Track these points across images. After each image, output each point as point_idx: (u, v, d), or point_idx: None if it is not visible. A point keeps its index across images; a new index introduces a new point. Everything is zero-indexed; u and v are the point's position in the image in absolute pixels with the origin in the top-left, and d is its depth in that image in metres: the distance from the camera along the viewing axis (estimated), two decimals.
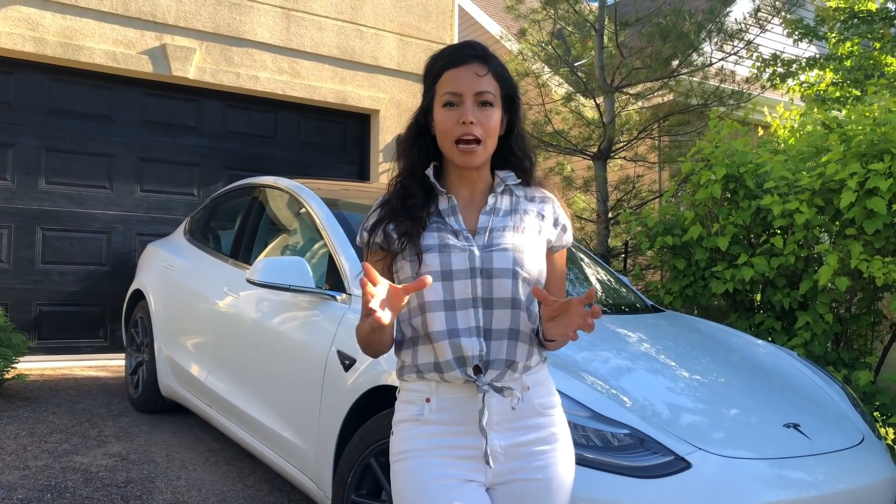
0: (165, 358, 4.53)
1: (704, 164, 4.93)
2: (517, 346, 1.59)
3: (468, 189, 1.66)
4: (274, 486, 3.64)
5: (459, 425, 1.57)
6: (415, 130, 1.69)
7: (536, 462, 1.60)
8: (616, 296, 3.99)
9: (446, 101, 1.59)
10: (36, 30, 5.87)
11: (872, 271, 3.84)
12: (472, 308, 1.57)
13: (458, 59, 1.60)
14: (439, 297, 1.56)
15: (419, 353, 1.60)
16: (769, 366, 3.26)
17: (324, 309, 3.14)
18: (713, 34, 6.69)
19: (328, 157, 7.49)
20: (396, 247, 1.60)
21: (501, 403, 1.57)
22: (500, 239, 1.60)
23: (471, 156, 1.58)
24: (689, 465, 2.26)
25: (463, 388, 1.58)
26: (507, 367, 1.58)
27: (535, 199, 1.70)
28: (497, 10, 11.20)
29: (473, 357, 1.56)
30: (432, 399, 1.59)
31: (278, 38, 6.92)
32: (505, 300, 1.58)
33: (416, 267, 1.57)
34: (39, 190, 6.08)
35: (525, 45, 7.33)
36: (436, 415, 1.58)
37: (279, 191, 4.15)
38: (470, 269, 1.57)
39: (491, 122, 1.59)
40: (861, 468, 2.61)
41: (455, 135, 1.57)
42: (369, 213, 1.69)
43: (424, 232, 1.59)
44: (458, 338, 1.56)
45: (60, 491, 3.40)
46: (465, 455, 1.56)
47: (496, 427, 1.56)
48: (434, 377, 1.59)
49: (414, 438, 1.58)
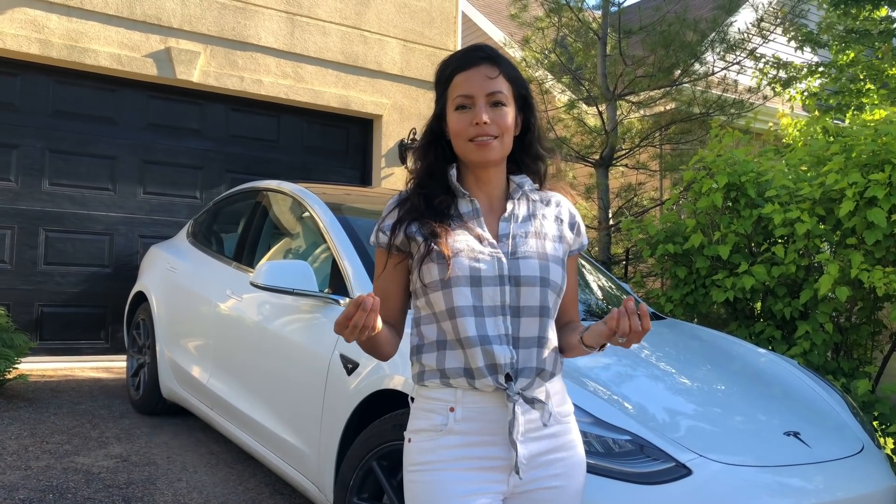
0: (167, 360, 4.54)
1: (706, 173, 4.95)
2: (545, 354, 1.58)
3: (485, 194, 1.64)
4: (275, 490, 3.64)
5: (485, 435, 1.54)
6: (430, 136, 1.67)
7: (555, 470, 1.59)
8: (617, 303, 4.01)
9: (459, 104, 1.58)
10: (41, 32, 5.89)
11: (873, 281, 3.85)
12: (500, 315, 1.54)
13: (468, 62, 1.59)
14: (469, 303, 1.53)
15: (447, 358, 1.55)
16: (770, 374, 3.27)
17: (327, 313, 3.15)
18: (716, 43, 6.72)
19: (331, 161, 7.51)
20: (422, 249, 1.55)
21: (527, 413, 1.55)
22: (524, 246, 1.58)
23: (486, 149, 1.57)
24: (689, 472, 2.28)
25: (491, 397, 1.54)
26: (536, 376, 1.56)
27: (550, 202, 1.69)
28: (501, 18, 11.24)
29: (505, 365, 1.53)
30: (457, 408, 1.54)
31: (282, 43, 6.95)
32: (533, 308, 1.56)
33: (444, 270, 1.52)
34: (43, 191, 6.10)
35: (528, 53, 7.36)
36: (461, 424, 1.54)
37: (283, 195, 4.17)
38: (499, 276, 1.55)
39: (506, 119, 1.58)
40: (861, 477, 2.62)
41: (469, 135, 1.56)
42: (385, 213, 1.65)
43: (451, 233, 1.56)
44: (490, 345, 1.52)
45: (62, 492, 3.41)
46: (489, 466, 1.53)
47: (521, 437, 1.53)
48: (462, 384, 1.54)
49: (436, 450, 1.54)
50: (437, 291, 1.55)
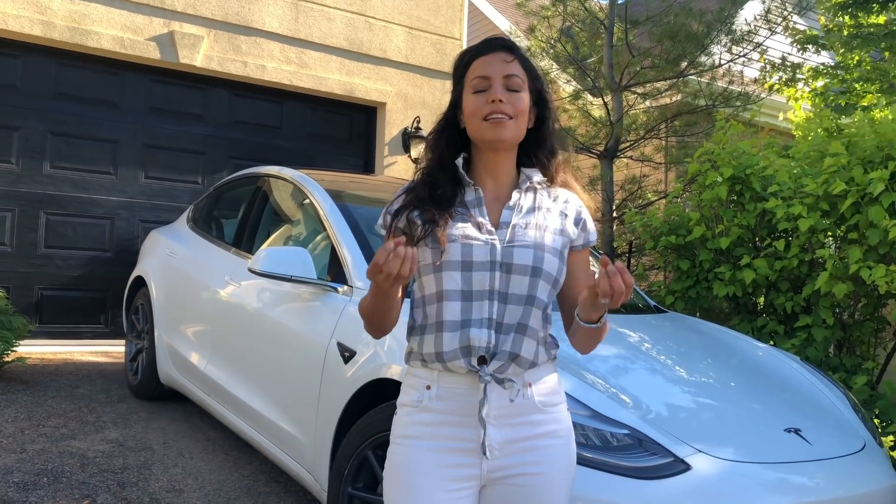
0: (165, 345, 4.52)
1: (711, 166, 4.91)
2: (524, 341, 1.59)
3: (493, 181, 1.68)
4: (270, 477, 3.63)
5: (457, 415, 1.58)
6: (443, 124, 1.72)
7: (535, 457, 1.60)
8: None
9: (476, 86, 1.63)
10: (44, 13, 5.85)
11: (875, 279, 3.82)
12: (487, 300, 1.58)
13: (486, 48, 1.66)
14: (457, 287, 1.58)
15: (425, 343, 1.61)
16: (771, 369, 3.24)
17: (325, 300, 3.13)
18: (722, 35, 6.66)
19: (334, 148, 7.47)
20: (420, 233, 1.61)
21: (501, 397, 1.58)
22: (522, 236, 1.62)
23: (500, 127, 1.60)
24: (688, 467, 2.25)
25: (465, 378, 1.59)
26: (511, 360, 1.59)
27: (558, 198, 1.72)
28: (507, 6, 11.16)
29: (480, 348, 1.57)
30: (433, 387, 1.60)
31: (287, 28, 6.90)
32: (520, 296, 1.59)
33: (437, 255, 1.58)
34: (44, 174, 6.07)
35: (534, 42, 7.30)
36: (434, 402, 1.59)
37: (283, 181, 4.13)
38: (490, 261, 1.59)
39: (521, 103, 1.63)
40: (862, 475, 2.59)
41: (484, 112, 1.60)
42: (394, 198, 1.72)
43: (450, 221, 1.61)
44: (469, 328, 1.57)
45: (57, 475, 3.40)
46: (460, 448, 1.57)
47: (494, 421, 1.57)
48: (437, 367, 1.60)
49: (411, 425, 1.60)
50: (429, 275, 1.61)
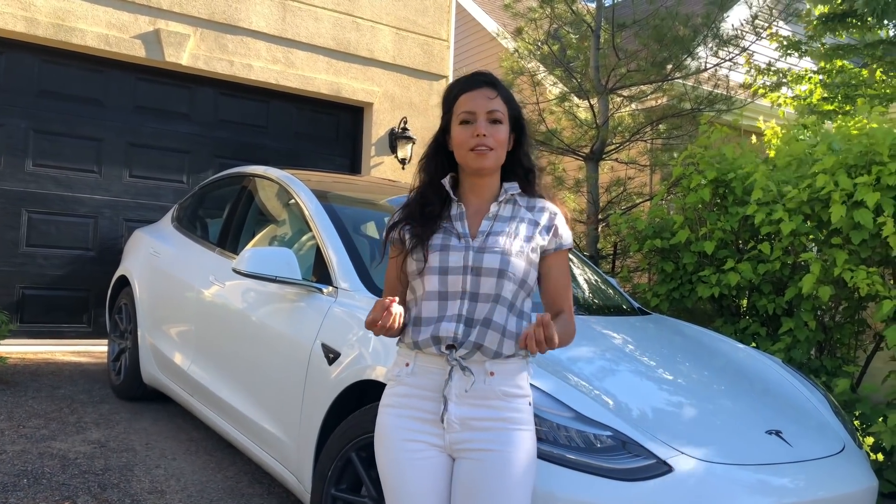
0: (148, 345, 4.49)
1: (694, 169, 4.94)
2: (487, 334, 1.84)
3: (478, 198, 1.95)
4: (254, 478, 3.62)
5: (426, 390, 1.85)
6: (434, 148, 1.99)
7: (493, 436, 1.82)
8: (603, 297, 3.99)
9: (462, 119, 1.89)
10: (28, 9, 5.80)
11: (857, 281, 3.85)
12: (459, 300, 1.86)
13: (472, 84, 1.91)
14: (435, 289, 1.87)
15: (408, 333, 1.90)
16: (753, 371, 3.26)
17: (310, 301, 3.12)
18: (708, 39, 6.70)
19: (320, 148, 7.45)
20: (409, 245, 1.91)
21: (463, 380, 1.83)
22: (493, 243, 1.87)
23: (483, 157, 1.87)
24: (670, 469, 2.26)
25: (437, 360, 1.86)
26: (476, 349, 1.84)
27: (534, 208, 1.96)
28: (494, 8, 11.18)
29: (447, 338, 1.84)
30: (411, 364, 1.89)
31: (274, 28, 6.88)
32: (488, 295, 1.85)
33: (421, 265, 1.88)
34: (26, 172, 6.02)
35: (521, 44, 7.32)
36: (409, 378, 1.88)
37: (269, 181, 4.12)
38: (463, 266, 1.86)
39: (500, 134, 1.89)
40: (842, 476, 2.62)
41: (470, 145, 1.87)
42: (394, 214, 2.00)
43: (433, 234, 1.89)
44: (441, 322, 1.85)
45: (37, 476, 3.37)
46: (426, 418, 1.84)
47: (456, 399, 1.82)
48: (415, 350, 1.89)
49: (391, 395, 1.91)
50: (416, 279, 1.91)
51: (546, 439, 2.19)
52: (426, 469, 1.82)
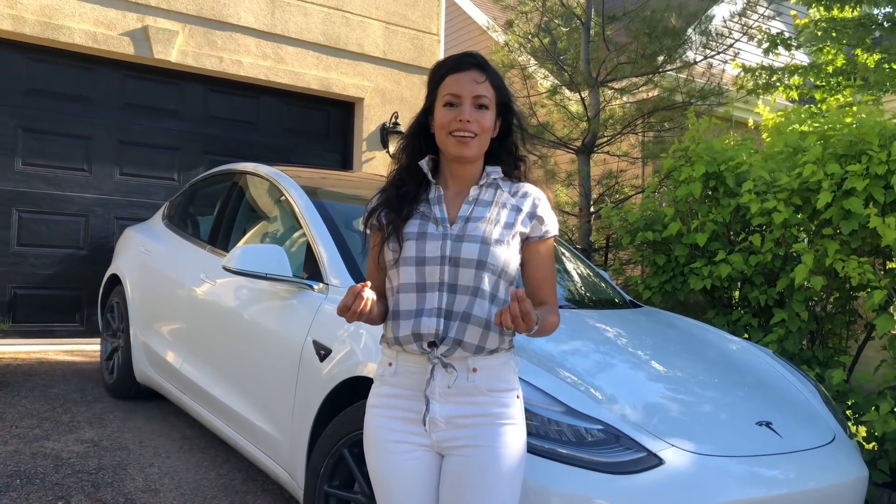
0: (141, 344, 4.48)
1: (685, 161, 4.94)
2: (467, 328, 1.76)
3: (458, 182, 1.85)
4: (248, 475, 3.62)
5: (409, 390, 1.80)
6: (415, 128, 1.89)
7: (480, 433, 1.76)
8: (595, 290, 4.00)
9: (447, 101, 1.79)
10: (14, 7, 5.76)
11: (848, 271, 3.87)
12: (437, 291, 1.77)
13: (460, 65, 1.81)
14: (412, 280, 1.78)
15: (388, 328, 1.84)
16: (744, 363, 3.28)
17: (301, 298, 3.12)
18: (698, 32, 6.69)
19: (311, 144, 7.43)
20: (385, 233, 1.82)
21: (446, 377, 1.77)
22: (472, 230, 1.78)
23: (464, 145, 1.78)
24: (661, 462, 2.27)
25: (419, 359, 1.80)
26: (456, 346, 1.77)
27: (517, 193, 1.87)
28: (484, 1, 11.14)
29: (430, 335, 1.77)
30: (393, 364, 1.83)
31: (263, 23, 6.85)
32: (467, 287, 1.77)
33: (397, 254, 1.79)
34: (16, 171, 5.98)
35: (512, 37, 7.30)
36: (393, 378, 1.83)
37: (259, 177, 4.11)
38: (440, 256, 1.77)
39: (485, 121, 1.79)
40: (832, 467, 2.63)
41: (452, 128, 1.77)
42: (371, 199, 1.91)
43: (409, 220, 1.80)
44: (421, 317, 1.77)
45: (30, 477, 3.36)
46: (411, 418, 1.78)
47: (439, 397, 1.77)
48: (397, 349, 1.82)
49: (375, 396, 1.85)
50: (392, 269, 1.82)
51: (537, 434, 2.20)
52: (415, 470, 1.78)
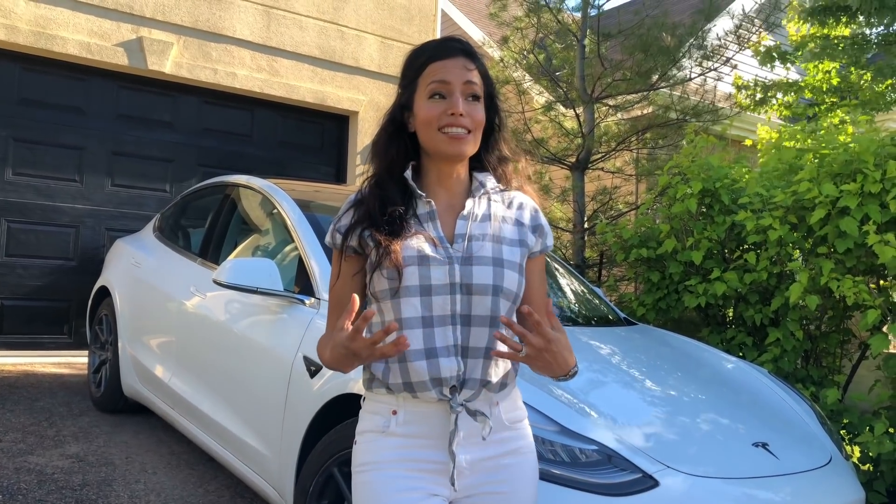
0: (129, 357, 4.42)
1: (681, 178, 4.94)
2: (492, 365, 1.52)
3: (446, 191, 1.58)
4: (235, 493, 3.55)
5: (426, 438, 1.51)
6: (392, 128, 1.60)
7: (501, 476, 1.55)
8: (589, 307, 3.97)
9: (433, 90, 1.52)
10: (8, 17, 5.73)
11: (843, 290, 3.85)
12: (450, 325, 1.49)
13: (445, 51, 1.54)
14: (417, 314, 1.48)
15: (390, 373, 1.51)
16: (739, 382, 3.25)
17: (291, 313, 3.07)
18: (693, 49, 6.71)
19: (305, 157, 7.41)
20: (374, 258, 1.50)
21: (472, 425, 1.52)
22: (479, 250, 1.52)
23: (460, 142, 1.51)
24: (656, 484, 2.23)
25: (434, 405, 1.51)
26: (482, 387, 1.52)
27: (512, 202, 1.63)
28: (480, 16, 11.19)
29: (451, 378, 1.49)
30: (399, 412, 1.51)
31: (258, 36, 6.84)
32: (484, 318, 1.50)
33: (395, 281, 1.47)
34: (6, 181, 5.93)
35: (507, 53, 7.30)
36: (402, 427, 1.51)
37: (251, 190, 4.07)
38: (450, 284, 1.49)
39: (479, 114, 1.54)
40: (828, 489, 2.60)
41: (441, 123, 1.50)
42: (341, 213, 1.58)
43: (406, 242, 1.49)
44: (437, 358, 1.48)
45: (12, 493, 3.29)
46: (430, 469, 1.50)
47: (463, 443, 1.50)
48: (405, 396, 1.51)
49: (378, 450, 1.51)
50: (386, 301, 1.50)
51: None
52: None
